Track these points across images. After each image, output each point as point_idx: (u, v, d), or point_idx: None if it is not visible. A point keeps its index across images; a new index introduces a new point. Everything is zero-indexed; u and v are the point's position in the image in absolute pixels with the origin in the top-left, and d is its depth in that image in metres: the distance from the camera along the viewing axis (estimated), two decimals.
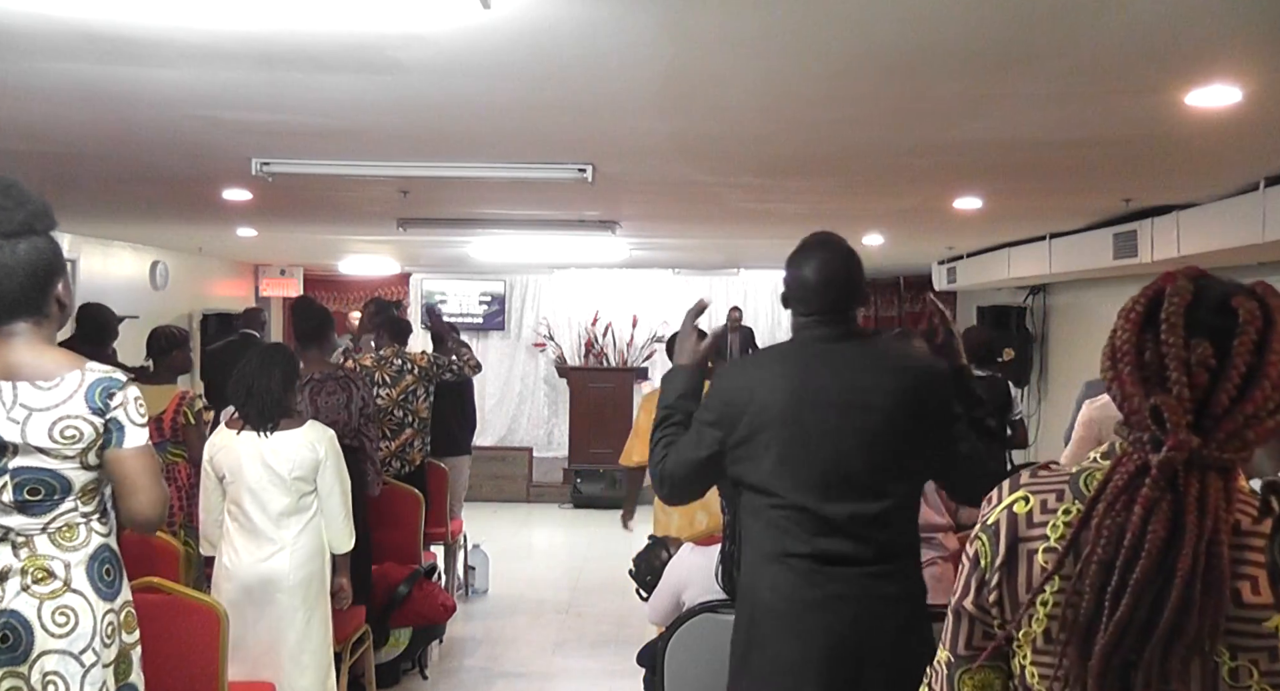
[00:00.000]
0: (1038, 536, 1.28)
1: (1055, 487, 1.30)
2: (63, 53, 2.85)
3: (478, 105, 3.44)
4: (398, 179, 4.89)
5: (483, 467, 9.47)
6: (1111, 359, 1.25)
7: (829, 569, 2.28)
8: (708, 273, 12.02)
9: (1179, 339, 1.18)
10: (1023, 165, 4.51)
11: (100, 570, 2.33)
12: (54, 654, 2.25)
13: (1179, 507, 1.16)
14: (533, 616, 6.42)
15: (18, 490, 2.26)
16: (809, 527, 2.29)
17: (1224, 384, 1.17)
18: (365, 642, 4.47)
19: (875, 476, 2.30)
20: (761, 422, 2.32)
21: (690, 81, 3.11)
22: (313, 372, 4.51)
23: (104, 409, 2.27)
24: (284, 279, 11.59)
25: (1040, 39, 2.66)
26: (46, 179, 5.13)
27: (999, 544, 1.30)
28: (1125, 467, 1.20)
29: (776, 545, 2.32)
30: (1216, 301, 1.21)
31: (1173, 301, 1.21)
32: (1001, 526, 1.31)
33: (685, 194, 5.51)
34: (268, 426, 3.56)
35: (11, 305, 2.26)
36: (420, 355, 5.75)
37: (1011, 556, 1.29)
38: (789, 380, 2.35)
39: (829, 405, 2.31)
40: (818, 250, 2.44)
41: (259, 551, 3.51)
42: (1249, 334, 1.18)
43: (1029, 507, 1.30)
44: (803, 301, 2.42)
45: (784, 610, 2.30)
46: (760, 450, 2.32)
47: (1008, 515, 1.31)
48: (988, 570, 1.31)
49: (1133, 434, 1.22)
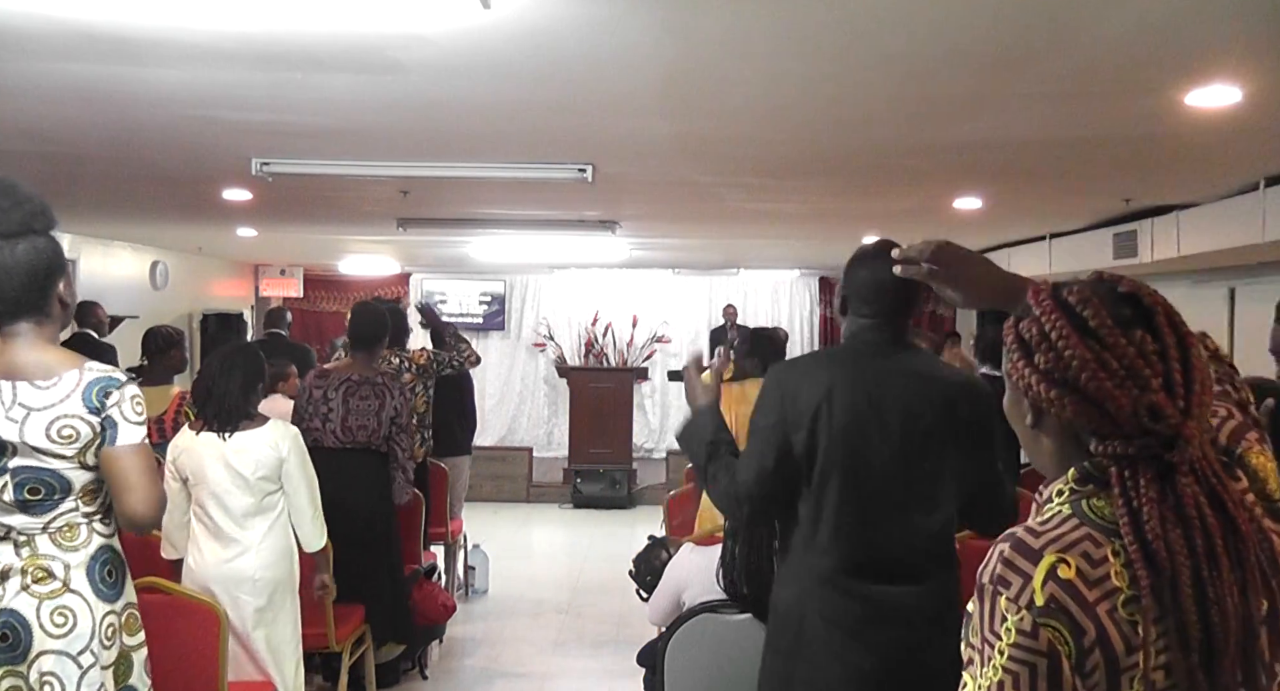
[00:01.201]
0: (1109, 591, 1.12)
1: (1079, 535, 1.16)
2: (63, 53, 2.85)
3: (478, 105, 3.44)
4: (398, 179, 4.90)
5: (483, 467, 9.46)
6: (1061, 380, 1.17)
7: (880, 587, 2.27)
8: (708, 272, 12.02)
9: (1122, 336, 1.17)
10: (1023, 165, 4.51)
11: (101, 571, 2.33)
12: (51, 654, 2.25)
13: (1210, 491, 1.14)
14: (533, 616, 6.42)
15: (18, 489, 2.26)
16: (861, 543, 2.27)
17: (1172, 364, 1.16)
18: (365, 642, 4.47)
19: (929, 490, 2.29)
20: (829, 426, 2.28)
21: (691, 82, 3.12)
22: (352, 374, 4.51)
23: (100, 408, 2.26)
24: (284, 279, 11.59)
25: (1040, 39, 2.66)
26: (46, 179, 5.13)
27: (1079, 621, 1.10)
28: (1146, 479, 1.14)
29: (824, 560, 2.29)
30: (1112, 295, 1.20)
31: (1091, 305, 1.18)
32: (1064, 601, 1.11)
33: (685, 194, 5.51)
34: (227, 429, 3.56)
35: (13, 306, 2.26)
36: (419, 353, 5.74)
37: (1099, 627, 1.11)
38: (848, 387, 2.31)
39: (893, 415, 2.28)
40: (886, 254, 2.45)
41: (224, 552, 3.50)
42: (1160, 310, 1.18)
43: (1075, 568, 1.13)
44: (866, 302, 2.38)
45: (833, 632, 2.27)
46: (823, 455, 2.28)
47: (1060, 587, 1.12)
48: (1076, 655, 1.10)
49: (1128, 445, 1.15)
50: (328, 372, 4.64)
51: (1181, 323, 1.20)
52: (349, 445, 4.42)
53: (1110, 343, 1.16)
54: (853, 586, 2.27)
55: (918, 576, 2.28)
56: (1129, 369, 1.15)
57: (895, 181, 5.06)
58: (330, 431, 4.40)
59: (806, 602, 2.31)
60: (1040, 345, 1.19)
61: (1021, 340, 1.22)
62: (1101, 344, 1.16)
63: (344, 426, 4.42)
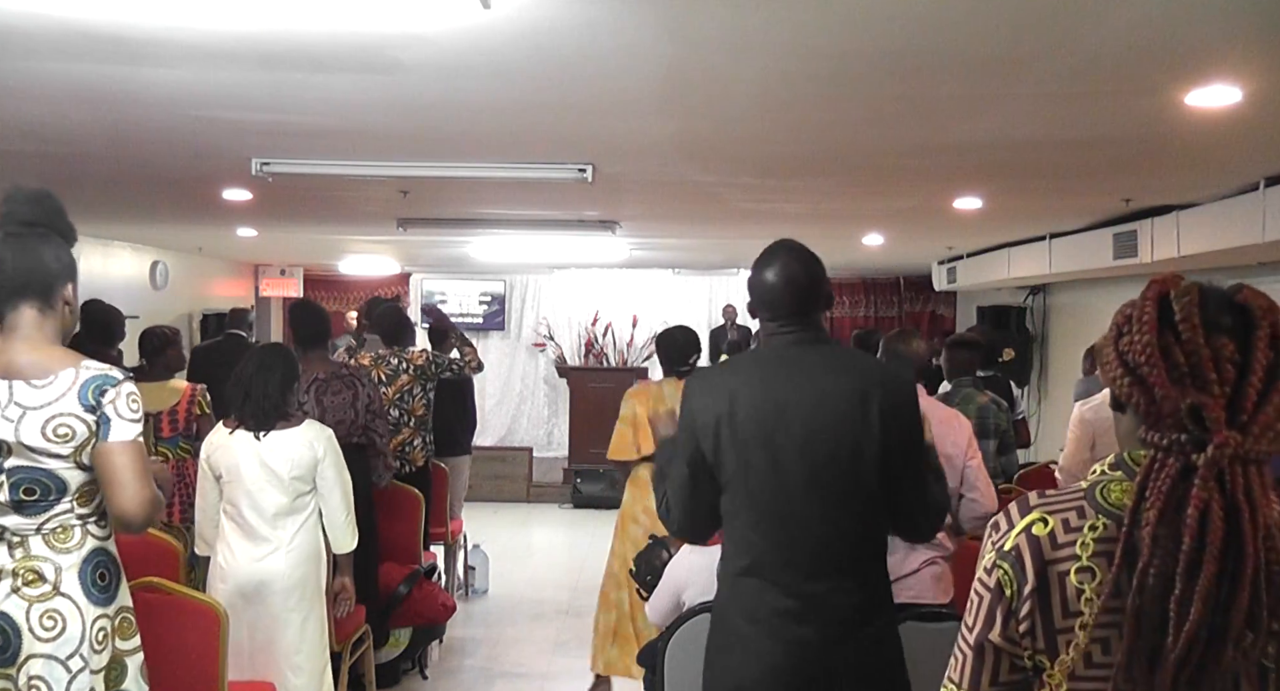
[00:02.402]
0: (1066, 556, 1.22)
1: (1072, 505, 1.26)
2: (63, 53, 2.85)
3: (478, 105, 3.44)
4: (398, 179, 4.89)
5: (483, 467, 9.46)
6: (1128, 364, 1.21)
7: (796, 584, 2.26)
8: (708, 273, 12.02)
9: (1202, 337, 1.18)
10: (1023, 165, 4.51)
11: (94, 574, 2.31)
12: (39, 658, 2.23)
13: (1231, 505, 1.14)
14: (533, 616, 6.42)
15: (13, 490, 2.25)
16: (776, 539, 2.27)
17: (1250, 378, 1.16)
18: (365, 642, 4.47)
19: (845, 485, 2.27)
20: (731, 432, 2.29)
21: (690, 81, 3.11)
22: (317, 373, 4.51)
23: (96, 405, 2.25)
24: (284, 279, 11.59)
25: (1040, 39, 2.66)
26: (47, 179, 5.11)
27: (1025, 570, 1.24)
28: (1166, 472, 1.16)
29: (742, 559, 2.31)
30: (1222, 300, 1.21)
31: (1184, 301, 1.20)
32: (1024, 551, 1.24)
33: (685, 194, 5.50)
34: (264, 428, 3.55)
35: (20, 287, 2.29)
36: (418, 354, 5.74)
37: (1042, 581, 1.22)
38: (756, 389, 2.32)
39: (799, 412, 2.28)
40: (780, 255, 2.43)
41: (254, 551, 3.50)
42: (1265, 327, 1.18)
43: (1049, 528, 1.24)
44: (768, 306, 2.40)
45: (751, 627, 2.28)
46: (730, 460, 2.30)
47: (1028, 539, 1.25)
48: (1014, 599, 1.24)
49: (1165, 437, 1.18)
50: None
51: None
52: None
53: (1186, 339, 1.18)
54: (768, 583, 2.27)
55: (837, 572, 2.27)
56: (1194, 369, 1.17)
57: (895, 181, 5.06)
58: None
59: (730, 600, 2.34)
60: (1126, 328, 1.24)
61: (1118, 322, 1.27)
62: (1178, 338, 1.18)
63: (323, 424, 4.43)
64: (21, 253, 2.29)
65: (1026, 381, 9.40)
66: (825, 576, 2.26)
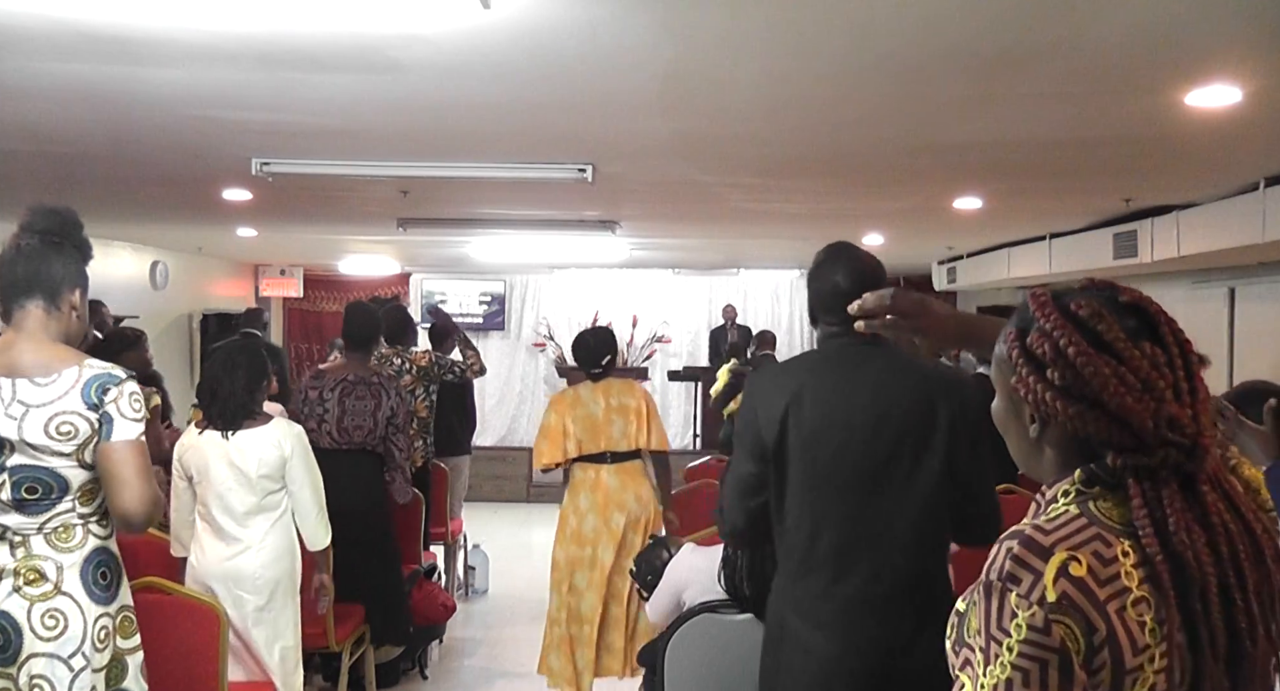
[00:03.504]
0: (1118, 591, 1.12)
1: (1087, 534, 1.16)
2: (63, 53, 2.85)
3: (478, 105, 3.44)
4: (398, 179, 4.89)
5: (483, 467, 9.46)
6: (1084, 396, 1.16)
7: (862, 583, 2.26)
8: (708, 273, 12.01)
9: (1136, 350, 1.16)
10: (1023, 165, 4.51)
11: (95, 573, 2.31)
12: (41, 657, 2.24)
13: (1227, 499, 1.15)
14: (533, 616, 6.40)
15: (15, 488, 2.25)
16: (838, 536, 2.27)
17: (1179, 373, 1.17)
18: (365, 642, 4.47)
19: (908, 489, 2.27)
20: (798, 428, 2.29)
21: (690, 81, 3.11)
22: (348, 374, 4.51)
23: (99, 404, 2.27)
24: (284, 279, 11.59)
25: (1041, 39, 2.66)
26: (47, 179, 5.14)
27: (1089, 618, 1.10)
28: (1168, 488, 1.14)
29: (803, 560, 2.30)
30: (1119, 307, 1.20)
31: (1102, 320, 1.17)
32: (1077, 598, 1.10)
33: (685, 194, 5.50)
34: (231, 427, 3.56)
35: (28, 286, 2.34)
36: (421, 355, 5.73)
37: (1109, 625, 1.10)
38: (822, 386, 2.32)
39: (865, 411, 2.28)
40: (846, 258, 2.43)
41: (225, 550, 3.50)
42: (1164, 323, 1.19)
43: (1086, 566, 1.12)
44: (834, 311, 2.36)
45: (811, 628, 2.28)
46: (795, 455, 2.29)
47: (1072, 584, 1.11)
48: (1085, 652, 1.10)
49: (1153, 458, 1.14)
50: (323, 373, 4.63)
51: (1180, 331, 1.20)
52: (345, 446, 4.42)
53: (1126, 357, 1.16)
54: (830, 583, 2.27)
55: (900, 572, 2.26)
56: (1145, 382, 1.15)
57: (895, 181, 5.06)
58: (326, 432, 4.40)
59: (788, 602, 2.33)
60: (1055, 361, 1.17)
61: (1030, 355, 1.20)
62: (1119, 359, 1.15)
63: (340, 427, 4.42)
64: (33, 257, 2.36)
65: None
66: (888, 576, 2.26)
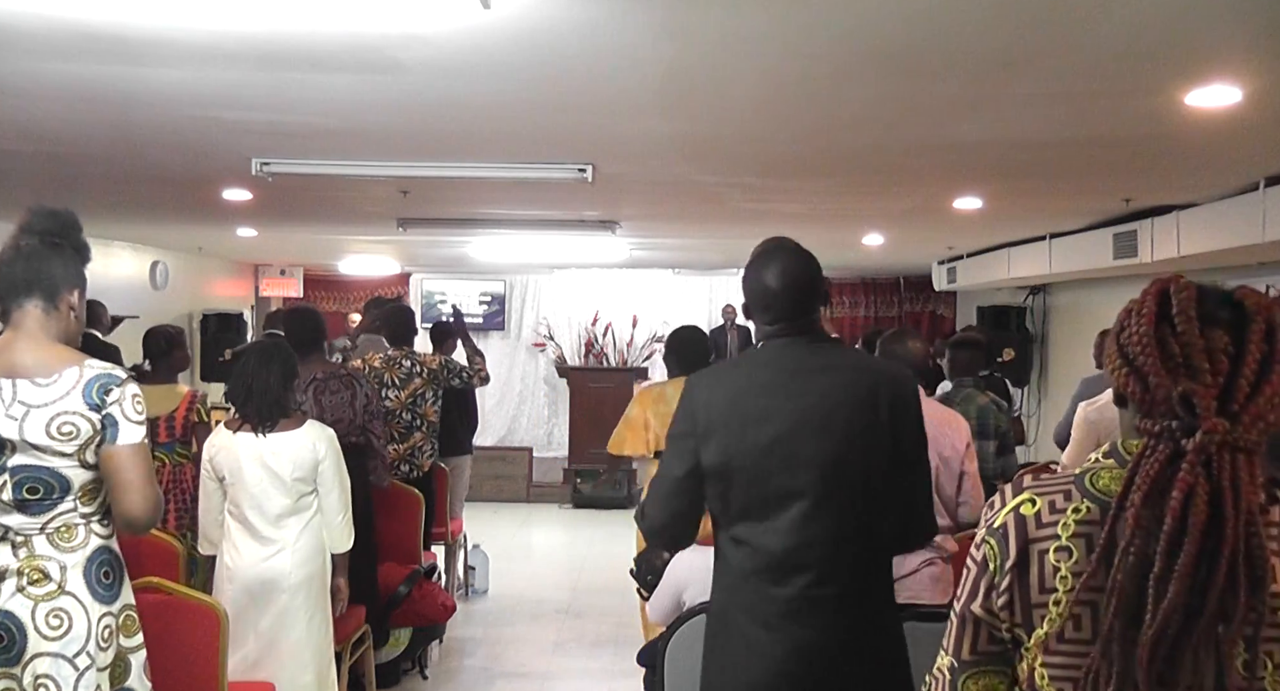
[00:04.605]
0: (1048, 536, 1.29)
1: (1061, 488, 1.32)
2: (63, 53, 2.85)
3: (478, 105, 3.44)
4: (398, 179, 4.89)
5: (483, 467, 9.46)
6: (1125, 353, 1.26)
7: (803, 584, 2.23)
8: (708, 272, 12.01)
9: (1197, 329, 1.22)
10: (1023, 165, 4.51)
11: (98, 572, 2.32)
12: (46, 656, 2.24)
13: (1215, 490, 1.18)
14: (533, 616, 6.42)
15: (17, 489, 2.26)
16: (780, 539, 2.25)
17: (1243, 369, 1.20)
18: (365, 642, 4.47)
19: (853, 484, 2.24)
20: (740, 430, 2.26)
21: (690, 81, 3.11)
22: (315, 373, 4.52)
23: (100, 405, 2.27)
24: (284, 279, 11.58)
25: (1040, 39, 2.66)
26: (47, 179, 5.13)
27: (1008, 546, 1.31)
28: (1156, 457, 1.21)
29: (745, 560, 2.28)
30: (1219, 296, 1.27)
31: (1181, 296, 1.24)
32: (1010, 528, 1.32)
33: (685, 194, 5.50)
34: (266, 426, 3.56)
35: (27, 285, 2.35)
36: (430, 357, 5.74)
37: (1022, 558, 1.30)
38: (762, 387, 2.30)
39: (808, 411, 2.25)
40: (778, 256, 2.40)
41: (260, 551, 3.52)
42: (1259, 322, 1.23)
43: (1036, 509, 1.31)
44: (766, 309, 2.36)
45: (755, 627, 2.26)
46: (735, 458, 2.27)
47: (1015, 517, 1.32)
48: (997, 573, 1.32)
49: (1157, 424, 1.22)
50: None
51: (1277, 338, 1.23)
52: None
53: (1181, 331, 1.23)
54: (771, 584, 2.24)
55: (842, 572, 2.24)
56: (1187, 359, 1.22)
57: (895, 181, 5.06)
58: None
59: (732, 601, 2.31)
60: (1126, 322, 1.28)
61: (1120, 317, 1.31)
62: (1173, 330, 1.23)
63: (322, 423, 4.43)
64: (31, 256, 2.37)
65: (1026, 381, 9.40)
66: (831, 577, 2.23)
